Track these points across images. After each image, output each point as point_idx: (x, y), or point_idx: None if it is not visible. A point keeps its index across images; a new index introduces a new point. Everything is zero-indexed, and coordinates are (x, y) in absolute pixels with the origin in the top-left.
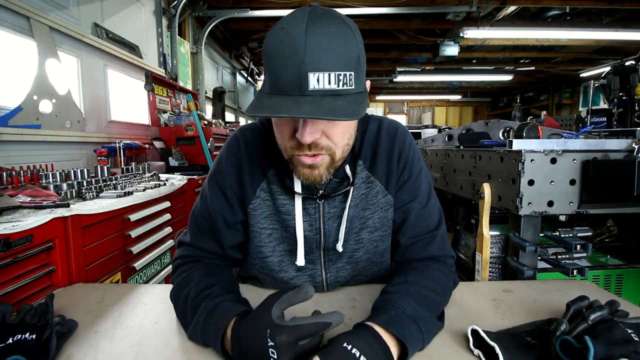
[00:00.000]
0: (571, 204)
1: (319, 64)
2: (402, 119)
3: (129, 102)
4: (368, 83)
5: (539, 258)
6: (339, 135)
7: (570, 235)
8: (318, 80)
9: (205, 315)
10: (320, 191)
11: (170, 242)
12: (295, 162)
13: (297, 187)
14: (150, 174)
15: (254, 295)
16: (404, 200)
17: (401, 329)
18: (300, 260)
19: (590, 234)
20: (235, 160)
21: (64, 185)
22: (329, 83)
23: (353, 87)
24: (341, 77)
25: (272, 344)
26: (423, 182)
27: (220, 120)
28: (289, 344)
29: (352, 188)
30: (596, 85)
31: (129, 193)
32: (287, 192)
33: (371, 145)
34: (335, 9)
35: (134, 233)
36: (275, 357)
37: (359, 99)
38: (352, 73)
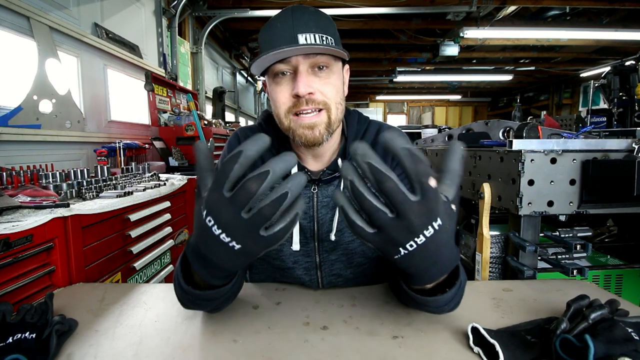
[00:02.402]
0: (571, 204)
1: (306, 27)
2: (402, 119)
3: (129, 102)
4: (347, 66)
5: (539, 258)
6: (332, 91)
7: (570, 235)
8: (306, 38)
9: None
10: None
11: (170, 242)
12: (294, 126)
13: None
14: (150, 174)
15: (256, 293)
16: None
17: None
18: (295, 245)
19: (590, 234)
20: None
21: (64, 185)
22: (315, 40)
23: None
24: (324, 38)
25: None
26: None
27: (220, 120)
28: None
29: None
30: (596, 85)
31: (129, 193)
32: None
33: (369, 144)
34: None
35: (134, 233)
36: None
37: (342, 55)
38: (333, 39)
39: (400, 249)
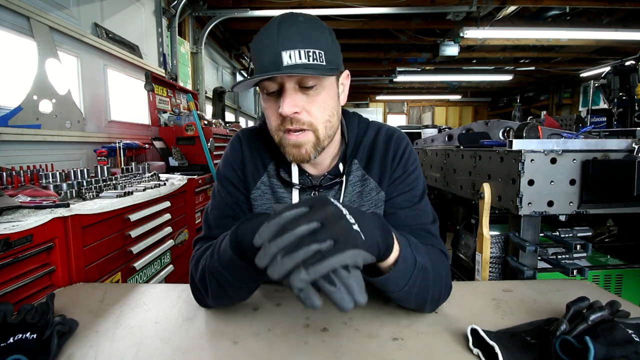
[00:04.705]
0: (571, 204)
1: (290, 44)
2: (402, 119)
3: (129, 102)
4: (346, 72)
5: (539, 258)
6: (318, 110)
7: (570, 235)
8: (290, 56)
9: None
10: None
11: (170, 242)
12: (284, 143)
13: (294, 180)
14: (150, 174)
15: (256, 295)
16: (395, 192)
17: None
18: None
19: (590, 234)
20: (238, 154)
21: (64, 185)
22: (300, 58)
23: (324, 63)
24: (310, 54)
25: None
26: (417, 181)
27: (220, 120)
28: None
29: (345, 182)
30: (596, 85)
31: (129, 193)
32: (286, 185)
33: (368, 146)
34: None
35: (134, 233)
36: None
37: (330, 72)
38: (322, 52)
39: None
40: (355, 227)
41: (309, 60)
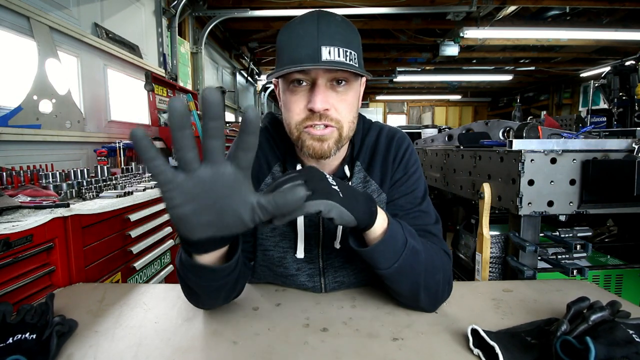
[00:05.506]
0: (571, 204)
1: (331, 40)
2: (402, 119)
3: (129, 102)
4: (364, 78)
5: (539, 258)
6: (346, 109)
7: (570, 235)
8: (330, 52)
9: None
10: None
11: (170, 242)
12: (304, 137)
13: None
14: (150, 174)
15: (256, 294)
16: (397, 194)
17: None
18: (300, 253)
19: (590, 234)
20: None
21: (64, 185)
22: (339, 56)
23: (357, 65)
24: (347, 54)
25: None
26: (418, 182)
27: None
28: None
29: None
30: (596, 85)
31: (129, 193)
32: None
33: (370, 148)
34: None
35: (134, 233)
36: None
37: (363, 73)
38: (356, 54)
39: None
40: (335, 187)
41: (346, 60)
